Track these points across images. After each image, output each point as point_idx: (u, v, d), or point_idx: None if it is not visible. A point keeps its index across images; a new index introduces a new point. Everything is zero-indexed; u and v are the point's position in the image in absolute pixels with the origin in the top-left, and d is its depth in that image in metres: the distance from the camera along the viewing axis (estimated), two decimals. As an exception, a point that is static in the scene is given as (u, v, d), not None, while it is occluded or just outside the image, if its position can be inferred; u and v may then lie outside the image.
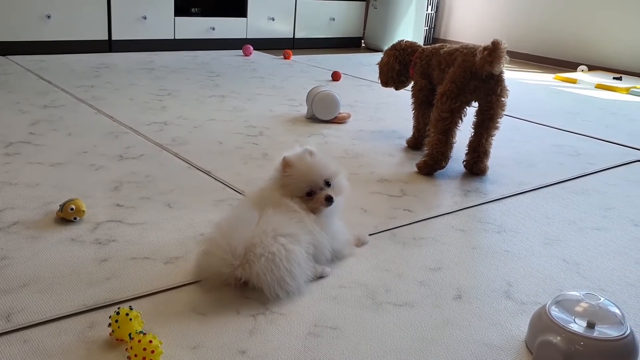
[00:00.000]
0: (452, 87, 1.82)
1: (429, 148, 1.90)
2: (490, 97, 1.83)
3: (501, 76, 1.83)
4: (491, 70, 1.74)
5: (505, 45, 1.71)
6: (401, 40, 2.21)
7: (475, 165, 1.93)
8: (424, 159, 1.92)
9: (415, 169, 1.93)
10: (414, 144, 2.20)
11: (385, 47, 4.95)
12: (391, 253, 1.37)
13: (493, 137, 1.92)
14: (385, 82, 2.24)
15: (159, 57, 3.77)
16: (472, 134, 1.93)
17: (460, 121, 1.87)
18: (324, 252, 1.22)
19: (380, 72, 2.24)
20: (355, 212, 1.57)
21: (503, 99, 1.85)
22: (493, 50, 1.70)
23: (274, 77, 3.38)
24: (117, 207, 1.50)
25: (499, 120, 1.89)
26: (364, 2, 5.04)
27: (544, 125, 2.71)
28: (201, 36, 4.17)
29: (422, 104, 2.13)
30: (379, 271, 1.28)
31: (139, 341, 0.91)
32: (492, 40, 1.71)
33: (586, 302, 1.03)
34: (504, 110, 1.87)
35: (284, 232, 1.14)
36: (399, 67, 2.16)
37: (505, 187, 1.86)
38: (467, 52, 1.84)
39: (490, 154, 1.94)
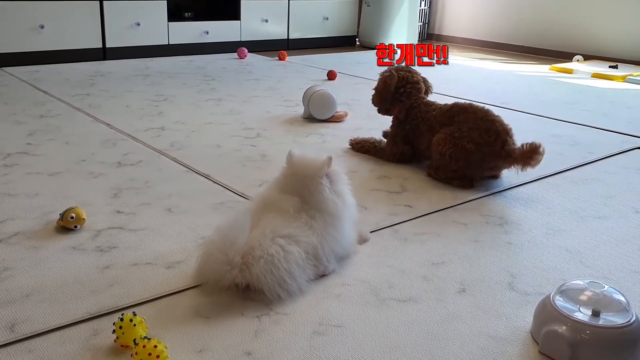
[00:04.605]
0: (478, 156, 1.72)
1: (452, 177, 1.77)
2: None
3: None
4: (527, 169, 1.71)
5: (543, 149, 1.69)
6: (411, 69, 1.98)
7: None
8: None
9: (412, 165, 1.92)
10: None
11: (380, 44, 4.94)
12: (393, 249, 1.37)
13: None
14: (376, 102, 2.01)
15: (154, 63, 3.77)
16: None
17: None
18: (328, 253, 1.22)
19: (376, 88, 2.01)
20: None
21: None
22: (534, 154, 1.68)
23: (270, 79, 3.38)
24: (118, 214, 1.49)
25: None
26: (357, 0, 5.03)
27: (542, 117, 2.71)
28: (195, 40, 4.17)
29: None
30: (381, 268, 1.28)
31: (144, 347, 0.91)
32: (532, 143, 1.68)
33: (590, 291, 1.03)
34: None
35: (282, 233, 1.15)
36: (394, 90, 1.93)
37: (506, 179, 1.85)
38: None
39: None
